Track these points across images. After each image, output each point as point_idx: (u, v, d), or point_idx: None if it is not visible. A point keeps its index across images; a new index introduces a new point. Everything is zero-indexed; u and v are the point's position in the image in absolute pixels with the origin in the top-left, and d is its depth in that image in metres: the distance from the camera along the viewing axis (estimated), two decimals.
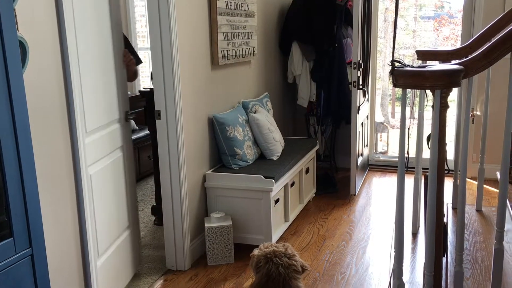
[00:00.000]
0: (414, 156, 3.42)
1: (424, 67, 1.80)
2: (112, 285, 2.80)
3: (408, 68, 1.78)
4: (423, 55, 3.07)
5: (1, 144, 1.45)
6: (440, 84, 1.72)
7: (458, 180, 2.52)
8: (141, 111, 4.79)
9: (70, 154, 2.25)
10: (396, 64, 1.79)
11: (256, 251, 1.98)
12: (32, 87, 1.99)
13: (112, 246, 2.81)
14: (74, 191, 2.29)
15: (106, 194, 2.73)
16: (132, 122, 5.09)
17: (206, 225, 3.26)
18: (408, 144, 2.38)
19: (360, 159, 4.80)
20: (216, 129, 3.52)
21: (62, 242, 2.22)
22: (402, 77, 1.77)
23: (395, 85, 1.81)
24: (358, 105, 4.43)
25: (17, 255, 1.51)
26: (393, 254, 1.97)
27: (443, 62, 2.87)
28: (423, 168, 3.54)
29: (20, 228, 1.52)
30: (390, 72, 1.81)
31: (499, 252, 1.91)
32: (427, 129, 2.52)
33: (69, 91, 2.23)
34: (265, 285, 1.86)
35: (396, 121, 11.22)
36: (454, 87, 1.75)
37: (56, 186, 2.18)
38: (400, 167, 1.88)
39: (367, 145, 5.36)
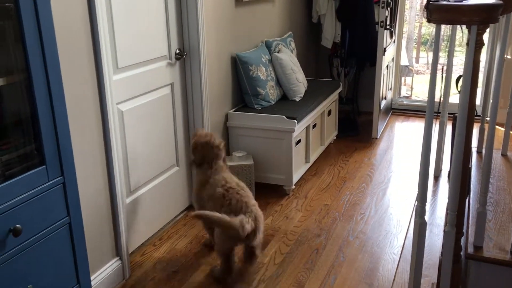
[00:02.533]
0: (439, 100, 3.35)
1: (461, 1, 1.72)
2: (147, 220, 2.88)
3: (444, 2, 1.70)
4: None
5: (32, 72, 1.46)
6: (477, 19, 1.64)
7: (486, 125, 2.47)
8: None
9: (96, 91, 2.26)
10: None
11: (197, 133, 2.72)
12: (58, 24, 1.97)
13: (151, 183, 2.87)
14: (101, 127, 2.31)
15: (145, 132, 2.75)
16: None
17: (228, 163, 3.29)
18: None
19: (383, 103, 4.73)
20: (239, 68, 3.48)
21: (90, 174, 2.28)
22: (437, 11, 1.69)
23: (429, 21, 1.74)
24: (384, 46, 4.31)
25: (50, 183, 1.56)
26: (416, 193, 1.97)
27: None
28: (449, 114, 3.49)
29: (52, 157, 1.55)
30: (425, 7, 1.73)
31: None
32: (454, 76, 2.44)
33: (95, 29, 2.19)
34: (202, 160, 2.65)
35: (420, 66, 10.94)
36: (492, 23, 1.67)
37: (82, 123, 2.20)
38: (429, 106, 1.85)
39: (391, 89, 5.26)
